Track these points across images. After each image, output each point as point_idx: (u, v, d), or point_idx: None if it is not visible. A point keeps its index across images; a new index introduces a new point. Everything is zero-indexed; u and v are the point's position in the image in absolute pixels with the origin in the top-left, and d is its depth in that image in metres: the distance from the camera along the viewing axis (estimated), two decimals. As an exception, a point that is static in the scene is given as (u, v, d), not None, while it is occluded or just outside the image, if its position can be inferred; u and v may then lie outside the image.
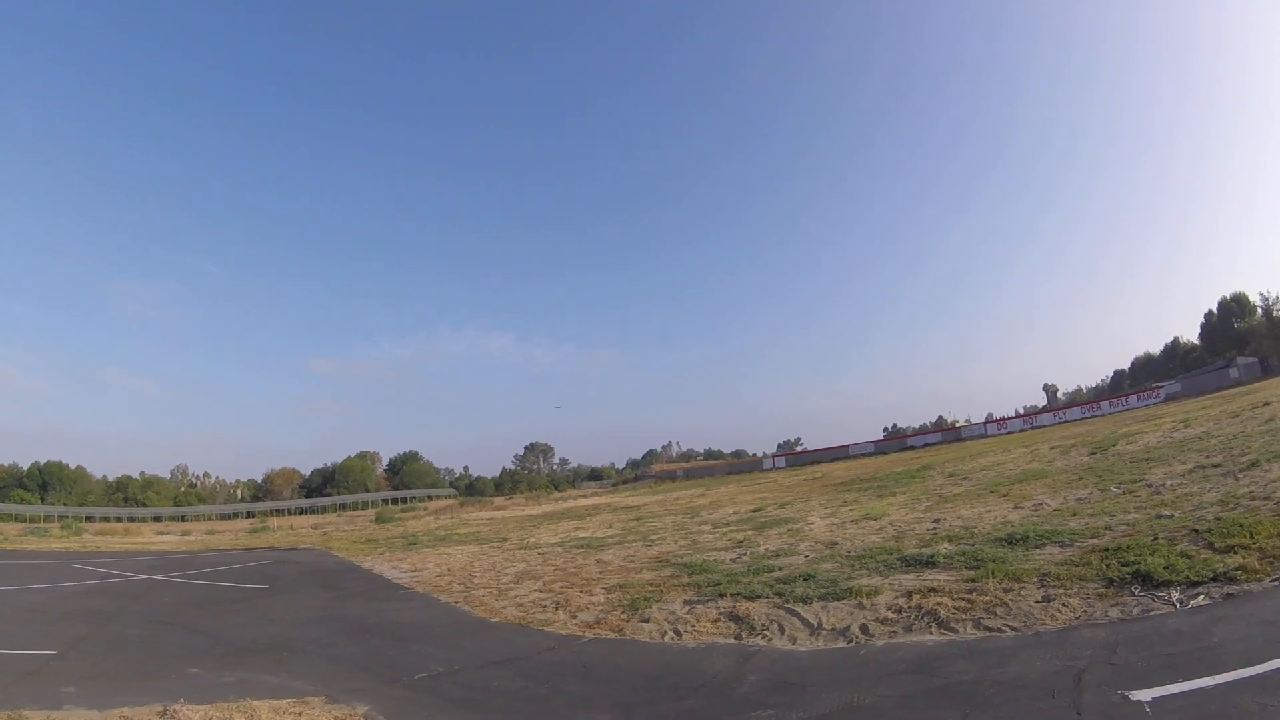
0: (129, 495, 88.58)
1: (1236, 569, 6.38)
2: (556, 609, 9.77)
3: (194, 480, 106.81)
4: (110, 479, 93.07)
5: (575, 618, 9.12)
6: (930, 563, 9.09)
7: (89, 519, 63.34)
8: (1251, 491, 9.73)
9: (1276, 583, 6.00)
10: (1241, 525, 7.71)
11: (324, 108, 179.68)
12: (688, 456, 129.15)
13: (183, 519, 74.20)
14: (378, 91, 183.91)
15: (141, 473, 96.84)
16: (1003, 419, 73.43)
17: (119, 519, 67.05)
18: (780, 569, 10.31)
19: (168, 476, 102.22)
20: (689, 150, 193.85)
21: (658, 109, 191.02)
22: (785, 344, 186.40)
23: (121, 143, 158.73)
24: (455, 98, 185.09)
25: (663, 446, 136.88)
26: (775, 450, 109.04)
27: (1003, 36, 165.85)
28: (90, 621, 11.12)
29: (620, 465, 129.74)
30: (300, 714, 5.78)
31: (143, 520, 67.82)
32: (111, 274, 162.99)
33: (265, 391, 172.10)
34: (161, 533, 48.49)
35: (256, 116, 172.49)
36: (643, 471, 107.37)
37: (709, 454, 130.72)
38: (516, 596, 11.17)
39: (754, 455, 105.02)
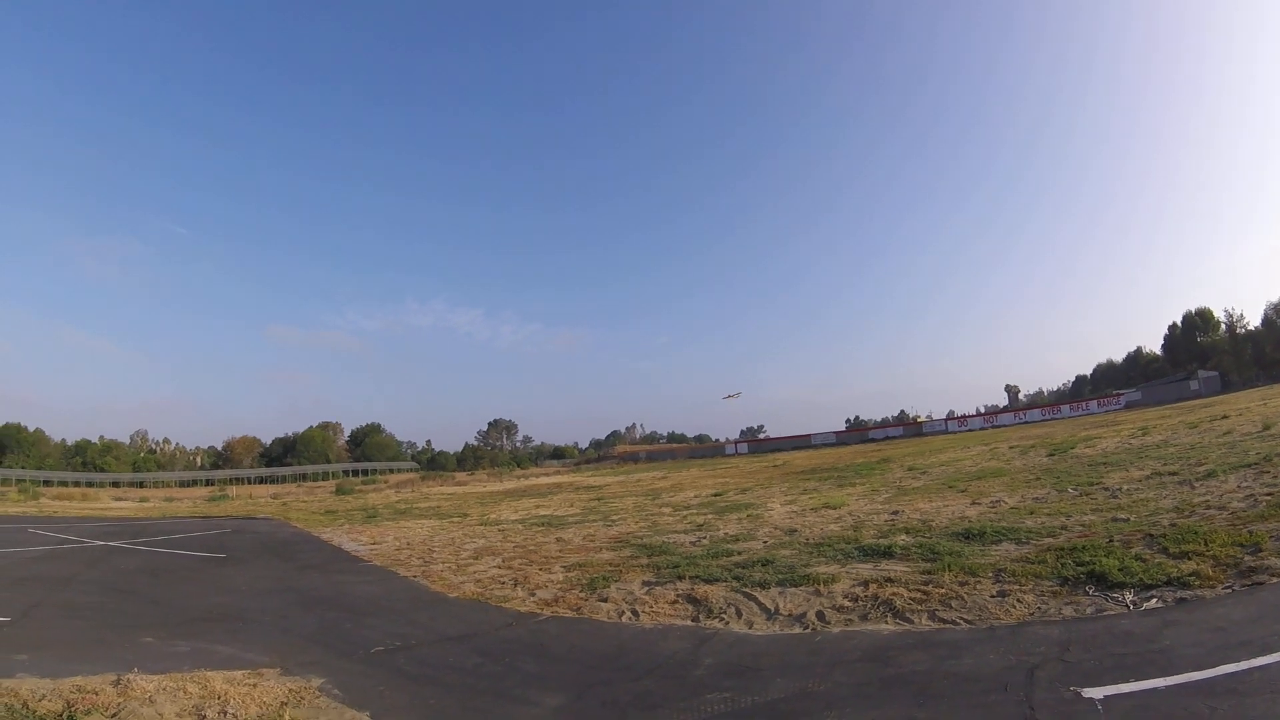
0: (87, 460, 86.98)
1: (1190, 575, 6.46)
2: (515, 586, 9.67)
3: (153, 446, 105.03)
4: (69, 443, 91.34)
5: (533, 595, 9.04)
6: (887, 553, 9.15)
7: (46, 483, 62.12)
8: (1207, 501, 9.90)
9: (1229, 590, 6.08)
10: (1196, 533, 7.82)
11: (305, 83, 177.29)
12: (651, 439, 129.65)
13: (141, 485, 73.17)
14: (360, 69, 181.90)
15: (101, 437, 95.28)
16: (964, 416, 74.80)
17: (77, 484, 65.72)
18: (739, 554, 10.32)
19: (127, 442, 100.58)
20: (664, 140, 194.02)
21: (636, 103, 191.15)
22: (759, 331, 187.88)
23: (88, 97, 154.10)
24: (441, 79, 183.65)
25: (626, 428, 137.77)
26: (738, 436, 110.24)
27: (1003, 46, 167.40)
28: (45, 587, 10.86)
29: (583, 445, 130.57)
30: (255, 685, 5.62)
31: (101, 486, 66.66)
32: (71, 230, 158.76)
33: (228, 358, 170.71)
34: (119, 499, 47.71)
35: (236, 87, 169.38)
36: (605, 452, 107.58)
37: (672, 437, 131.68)
38: (475, 572, 11.05)
39: (717, 440, 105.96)
